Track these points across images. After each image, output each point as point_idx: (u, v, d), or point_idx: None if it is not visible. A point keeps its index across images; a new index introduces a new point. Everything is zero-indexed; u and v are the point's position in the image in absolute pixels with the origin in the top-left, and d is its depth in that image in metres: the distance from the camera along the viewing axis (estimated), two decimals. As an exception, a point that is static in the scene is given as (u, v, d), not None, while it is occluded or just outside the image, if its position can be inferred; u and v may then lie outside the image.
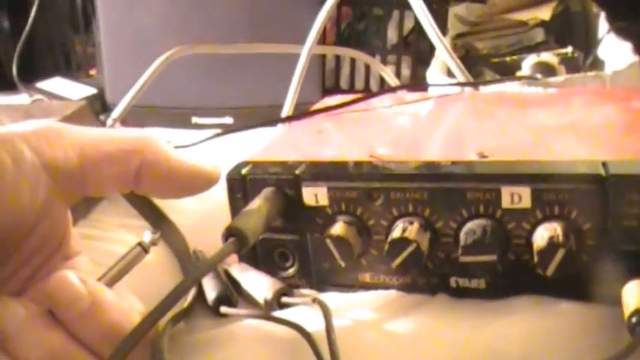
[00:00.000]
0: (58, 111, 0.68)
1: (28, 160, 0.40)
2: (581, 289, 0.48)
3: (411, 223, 0.49)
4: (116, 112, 0.86)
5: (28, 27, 1.19)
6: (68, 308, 0.38)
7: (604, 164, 0.46)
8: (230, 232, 0.46)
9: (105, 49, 1.05)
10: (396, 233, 0.48)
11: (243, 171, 0.53)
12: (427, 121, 0.65)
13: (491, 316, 0.48)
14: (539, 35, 1.12)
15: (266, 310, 0.51)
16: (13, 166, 0.39)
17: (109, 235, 0.66)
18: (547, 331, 0.45)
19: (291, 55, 0.89)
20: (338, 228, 0.50)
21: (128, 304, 0.42)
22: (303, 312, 0.49)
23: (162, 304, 0.41)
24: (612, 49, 0.97)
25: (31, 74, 1.19)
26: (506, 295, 0.49)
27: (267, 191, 0.51)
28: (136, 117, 0.97)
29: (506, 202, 0.47)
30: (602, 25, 1.06)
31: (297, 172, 0.52)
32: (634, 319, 0.41)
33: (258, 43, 0.94)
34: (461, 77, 0.81)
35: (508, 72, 1.00)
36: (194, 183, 0.47)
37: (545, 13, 1.15)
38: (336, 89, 1.10)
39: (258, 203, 0.50)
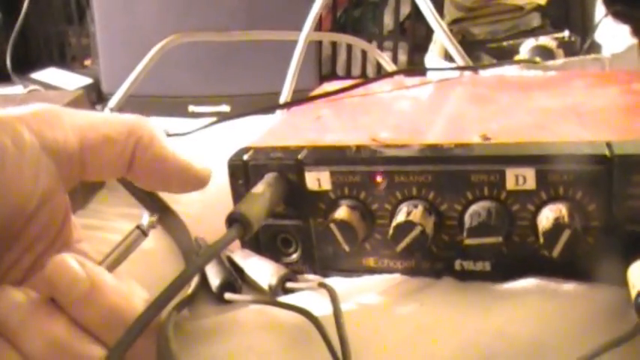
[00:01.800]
0: (54, 100, 0.68)
1: (29, 143, 0.39)
2: (586, 270, 0.47)
3: (416, 206, 0.49)
4: (112, 102, 0.86)
5: (21, 18, 1.19)
6: (67, 291, 0.38)
7: (608, 145, 0.46)
8: (234, 218, 0.46)
9: (100, 38, 1.04)
10: (400, 217, 0.48)
11: (245, 157, 0.53)
12: (428, 105, 0.65)
13: (498, 298, 0.47)
14: (535, 20, 1.12)
15: (271, 296, 0.51)
16: (14, 149, 0.38)
17: (109, 224, 0.65)
18: (555, 312, 0.45)
19: (287, 42, 0.89)
20: (342, 212, 0.50)
21: (129, 288, 0.42)
22: (309, 297, 0.49)
23: (166, 291, 0.41)
24: (609, 32, 0.96)
25: (25, 66, 1.19)
26: (511, 277, 0.49)
27: (270, 176, 0.51)
28: (132, 106, 0.96)
29: (510, 184, 0.47)
30: (599, 8, 1.05)
31: (299, 156, 0.51)
32: (640, 299, 0.41)
33: (255, 31, 0.94)
34: (460, 61, 0.81)
35: (506, 57, 1.00)
36: (183, 178, 0.47)
37: (541, -3, 1.15)
38: (332, 76, 1.10)
39: (261, 189, 0.50)
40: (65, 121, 0.42)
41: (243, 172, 0.53)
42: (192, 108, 1.02)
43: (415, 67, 0.99)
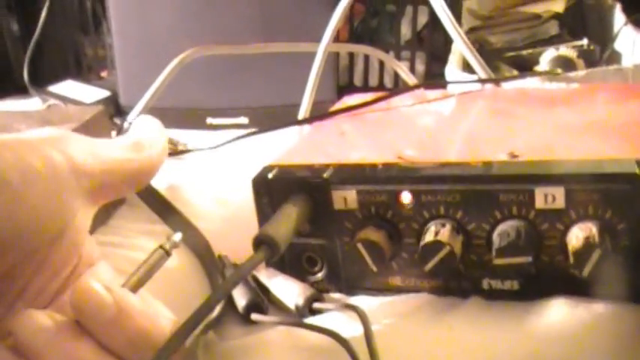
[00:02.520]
0: (75, 116, 0.68)
1: (58, 165, 0.39)
2: (616, 289, 0.47)
3: (443, 225, 0.48)
4: (132, 116, 0.86)
5: (38, 30, 1.19)
6: (94, 318, 0.37)
7: (638, 162, 0.46)
8: (261, 240, 0.46)
9: (117, 51, 1.04)
10: (428, 237, 0.48)
11: (270, 175, 0.53)
12: (451, 120, 0.64)
13: (528, 318, 0.47)
14: (553, 28, 1.11)
15: (298, 317, 0.51)
16: (45, 171, 0.38)
17: (131, 241, 0.65)
18: (587, 333, 0.45)
19: (305, 53, 0.88)
20: (369, 232, 0.49)
21: (155, 310, 0.41)
22: (337, 318, 0.49)
23: (193, 316, 0.40)
24: (630, 41, 0.96)
25: (41, 77, 1.19)
26: (539, 296, 0.49)
27: (296, 196, 0.51)
28: (150, 119, 0.96)
29: (539, 203, 0.47)
30: (618, 16, 1.05)
31: (325, 175, 0.51)
32: (674, 320, 0.41)
33: (273, 43, 0.93)
34: (481, 72, 0.80)
35: (524, 66, 0.99)
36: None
37: (558, 5, 1.14)
38: (350, 86, 1.10)
39: (287, 209, 0.49)
40: (84, 144, 0.42)
41: (267, 190, 0.53)
42: (210, 120, 1.02)
43: (436, 81, 0.99)
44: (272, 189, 0.53)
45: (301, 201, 0.50)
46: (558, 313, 0.47)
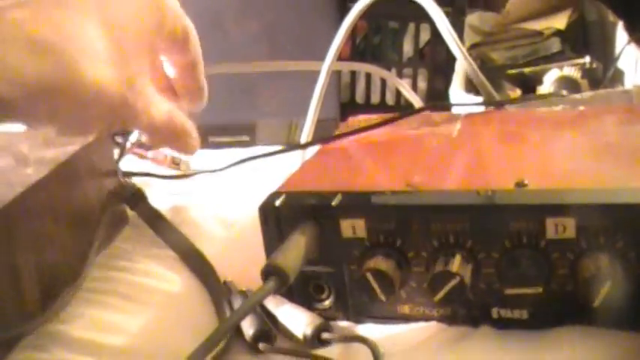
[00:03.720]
0: (79, 137, 0.67)
1: None
2: (628, 318, 0.46)
3: (453, 254, 0.48)
4: (134, 137, 0.85)
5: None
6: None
7: (649, 190, 0.45)
8: (270, 271, 0.45)
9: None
10: (438, 266, 0.47)
11: (277, 202, 0.52)
12: (459, 144, 0.64)
13: (540, 348, 0.47)
14: (555, 45, 1.11)
15: (306, 346, 0.50)
16: None
17: (135, 266, 0.64)
18: (599, 363, 0.44)
19: (307, 71, 0.88)
20: (378, 261, 0.49)
21: None
22: (346, 349, 0.48)
23: (202, 347, 0.40)
24: (633, 59, 0.96)
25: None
26: (549, 325, 0.48)
27: (305, 225, 0.50)
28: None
29: (550, 233, 0.46)
30: (620, 34, 1.05)
31: (333, 203, 0.51)
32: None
33: (277, 62, 0.93)
34: (485, 92, 0.80)
35: (527, 84, 0.99)
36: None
37: (560, 22, 1.14)
38: (351, 104, 1.09)
39: (296, 238, 0.49)
40: None
41: (275, 218, 0.52)
42: (211, 138, 1.01)
43: (441, 103, 0.98)
44: (280, 217, 0.52)
45: (310, 229, 0.50)
46: (569, 343, 0.46)
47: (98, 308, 0.57)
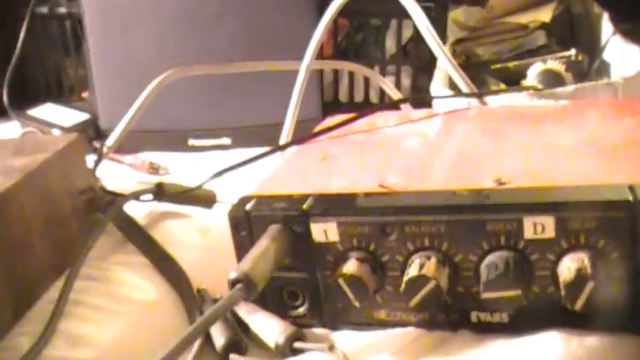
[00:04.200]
0: (49, 146, 0.65)
1: None
2: (611, 320, 0.45)
3: (429, 258, 0.46)
4: (111, 140, 0.83)
5: (17, 51, 1.16)
6: None
7: (631, 188, 0.44)
8: (237, 279, 0.44)
9: (96, 73, 1.01)
10: (412, 270, 0.46)
11: (247, 207, 0.51)
12: (437, 144, 0.62)
13: (520, 352, 0.45)
14: (540, 38, 1.09)
15: (277, 356, 0.48)
16: None
17: (110, 275, 0.63)
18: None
19: (288, 71, 0.86)
20: (351, 266, 0.47)
21: None
22: (318, 359, 0.47)
23: (166, 357, 0.39)
24: (618, 51, 0.94)
25: (22, 98, 1.16)
26: (530, 329, 0.46)
27: (274, 229, 0.49)
28: (130, 141, 0.94)
29: (528, 233, 0.45)
30: (606, 26, 1.03)
31: (304, 206, 0.49)
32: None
33: (254, 62, 0.91)
34: (465, 88, 0.78)
35: (511, 79, 0.97)
36: None
37: (545, 14, 1.12)
38: (335, 103, 1.07)
39: (264, 244, 0.47)
40: None
41: (245, 223, 0.51)
42: (192, 142, 0.99)
43: (418, 96, 0.96)
44: (250, 221, 0.51)
45: (280, 234, 0.48)
46: (550, 347, 0.45)
47: (68, 320, 0.56)
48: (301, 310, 0.52)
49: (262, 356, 0.49)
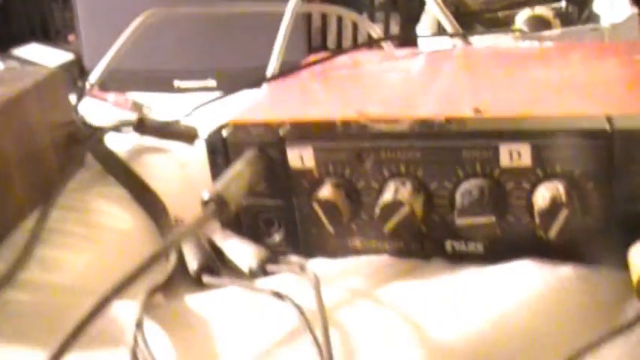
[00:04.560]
0: (30, 77, 0.65)
1: None
2: (585, 252, 0.45)
3: (404, 184, 0.46)
4: (93, 77, 0.83)
5: (1, -7, 1.15)
6: None
7: (609, 119, 0.43)
8: (209, 198, 0.43)
9: (80, 12, 1.00)
10: (387, 195, 0.45)
11: (224, 133, 0.50)
12: (419, 78, 0.62)
13: (491, 282, 0.45)
14: (531, -11, 1.08)
15: (251, 279, 0.48)
16: None
17: (86, 205, 0.62)
18: (552, 297, 0.42)
19: (276, 14, 0.85)
20: (326, 191, 0.47)
21: None
22: (290, 280, 0.46)
23: (134, 271, 0.39)
24: (608, 2, 0.93)
25: (7, 42, 1.15)
26: (505, 259, 0.46)
27: (250, 154, 0.48)
28: (116, 81, 0.94)
29: (504, 161, 0.44)
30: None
31: (281, 132, 0.49)
32: (644, 283, 0.39)
33: (239, 1, 0.90)
34: (450, 29, 0.77)
35: (500, 28, 0.96)
36: None
37: (537, -34, 1.11)
38: (323, 49, 1.07)
39: (239, 167, 0.47)
40: None
41: (221, 149, 0.50)
42: (177, 83, 0.99)
43: (403, 35, 0.96)
44: (226, 147, 0.50)
45: (255, 159, 0.48)
46: (524, 275, 0.44)
47: (45, 247, 0.55)
48: (277, 238, 0.52)
49: (235, 279, 0.49)
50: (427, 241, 0.48)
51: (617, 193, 0.43)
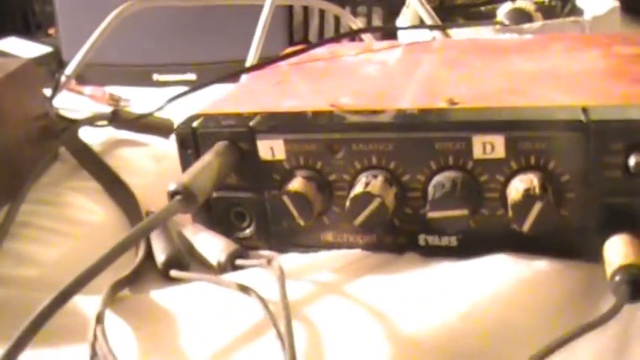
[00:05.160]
0: (1, 69, 0.64)
1: None
2: (560, 245, 0.44)
3: (375, 176, 0.45)
4: (69, 69, 0.81)
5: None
6: None
7: (584, 110, 0.42)
8: (175, 190, 0.42)
9: (59, 5, 0.99)
10: (358, 188, 0.44)
11: (194, 124, 0.49)
12: (395, 70, 0.61)
13: (466, 274, 0.44)
14: (515, -17, 1.08)
15: (219, 273, 0.47)
16: None
17: (60, 199, 0.62)
18: (525, 292, 0.42)
19: (256, 7, 0.84)
20: (296, 183, 0.46)
21: None
22: (258, 274, 0.45)
23: (98, 263, 0.38)
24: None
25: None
26: (479, 253, 0.45)
27: (220, 145, 0.47)
28: (94, 75, 0.93)
29: (477, 152, 0.43)
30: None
31: (251, 124, 0.48)
32: (617, 278, 0.38)
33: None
34: (429, 21, 0.77)
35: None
36: None
37: (521, -40, 1.10)
38: (305, 42, 1.06)
39: (208, 158, 0.46)
40: None
41: (192, 140, 0.49)
42: (156, 76, 0.98)
43: (381, 27, 0.95)
44: (196, 139, 0.49)
45: (225, 150, 0.47)
46: (497, 269, 0.44)
47: (15, 241, 0.55)
48: (248, 231, 0.51)
49: (203, 273, 0.48)
50: (400, 235, 0.47)
51: (592, 185, 0.42)
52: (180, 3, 0.89)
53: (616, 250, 0.40)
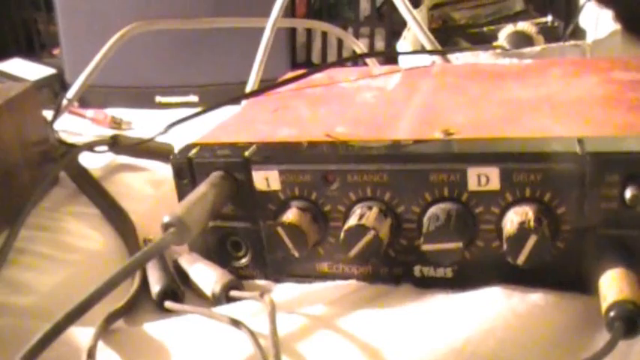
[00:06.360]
0: (1, 94, 0.64)
1: None
2: (555, 277, 0.44)
3: (370, 208, 0.45)
4: (71, 92, 0.82)
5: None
6: None
7: (580, 141, 0.42)
8: (168, 222, 0.42)
9: (62, 27, 1.00)
10: (352, 220, 0.44)
11: (190, 154, 0.49)
12: (393, 97, 0.60)
13: (459, 309, 0.43)
14: (518, 4, 1.08)
15: (214, 304, 0.47)
16: None
17: (59, 224, 0.62)
18: (520, 325, 0.41)
19: (259, 29, 0.84)
20: (290, 215, 0.46)
21: None
22: (251, 307, 0.45)
23: (86, 299, 0.38)
24: (593, 17, 0.92)
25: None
26: (474, 285, 0.45)
27: (215, 176, 0.47)
28: (97, 97, 0.93)
29: (472, 184, 0.43)
30: (583, -8, 1.01)
31: (246, 154, 0.48)
32: (612, 313, 0.38)
33: (221, 17, 0.89)
34: (429, 46, 0.76)
35: (485, 42, 0.96)
36: None
37: (524, -19, 1.10)
38: (307, 64, 1.06)
39: (203, 189, 0.46)
40: None
41: (187, 170, 0.49)
42: (159, 99, 0.98)
43: (380, 52, 0.95)
44: (192, 169, 0.49)
45: (220, 181, 0.47)
46: (492, 302, 0.43)
47: (13, 268, 0.55)
48: (244, 261, 0.51)
49: (199, 304, 0.48)
50: (395, 266, 0.47)
51: (588, 217, 0.42)
52: (182, 25, 0.89)
53: (611, 284, 0.39)
